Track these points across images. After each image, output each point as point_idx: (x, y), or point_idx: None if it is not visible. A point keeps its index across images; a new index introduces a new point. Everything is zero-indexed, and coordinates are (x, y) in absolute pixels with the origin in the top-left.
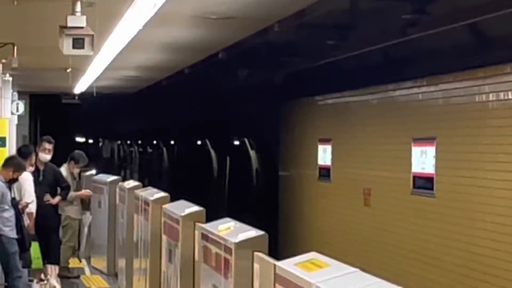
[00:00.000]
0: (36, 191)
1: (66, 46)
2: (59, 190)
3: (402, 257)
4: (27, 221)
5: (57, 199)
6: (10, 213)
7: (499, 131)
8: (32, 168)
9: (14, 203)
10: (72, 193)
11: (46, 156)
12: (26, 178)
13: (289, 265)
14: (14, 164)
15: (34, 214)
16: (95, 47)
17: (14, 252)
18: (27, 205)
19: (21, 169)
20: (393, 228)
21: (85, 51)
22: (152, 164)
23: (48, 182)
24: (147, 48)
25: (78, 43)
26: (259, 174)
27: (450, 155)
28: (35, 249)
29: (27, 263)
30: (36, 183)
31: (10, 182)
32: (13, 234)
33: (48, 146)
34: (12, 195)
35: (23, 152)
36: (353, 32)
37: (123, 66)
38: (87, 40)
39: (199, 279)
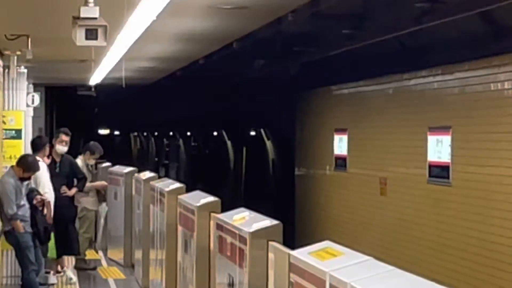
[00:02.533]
0: (53, 183)
1: (79, 37)
2: (75, 181)
3: (418, 245)
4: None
5: (73, 190)
6: (25, 208)
7: None
8: (48, 160)
9: (31, 196)
10: (88, 184)
11: (63, 148)
12: (42, 171)
13: (303, 254)
14: (24, 164)
15: (52, 204)
16: (109, 38)
17: (28, 246)
18: (42, 201)
19: (32, 169)
20: (409, 217)
21: (99, 42)
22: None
23: (64, 174)
24: (161, 39)
25: (91, 34)
26: (275, 164)
27: (466, 144)
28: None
29: (43, 253)
30: (53, 174)
31: (22, 180)
32: (27, 228)
33: (65, 138)
34: (32, 185)
35: (36, 143)
36: (367, 21)
37: (137, 57)
38: (100, 31)
39: (214, 269)
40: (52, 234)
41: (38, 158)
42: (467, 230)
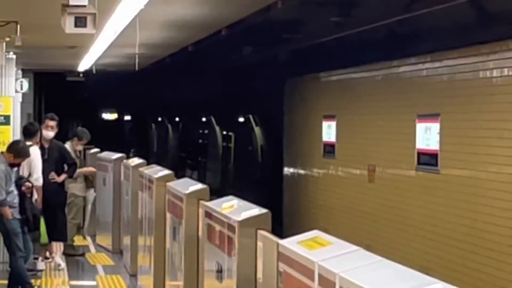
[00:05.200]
0: (42, 169)
1: (68, 25)
2: (65, 167)
3: (406, 233)
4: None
5: (62, 177)
6: (13, 195)
7: (503, 107)
8: (37, 146)
9: (19, 183)
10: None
11: (49, 133)
12: (36, 157)
13: (292, 244)
14: (14, 150)
15: (41, 189)
16: (98, 25)
17: (17, 233)
18: (31, 188)
19: (22, 155)
20: (398, 204)
21: (88, 29)
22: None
23: (53, 160)
24: (151, 25)
25: (80, 21)
26: (264, 151)
27: (455, 131)
28: (42, 225)
29: (35, 238)
30: (42, 160)
31: (12, 166)
32: (15, 214)
33: (51, 123)
34: (21, 173)
35: (29, 130)
36: (356, 8)
37: (126, 43)
38: (89, 19)
39: (203, 257)
40: (43, 220)
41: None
42: (455, 217)
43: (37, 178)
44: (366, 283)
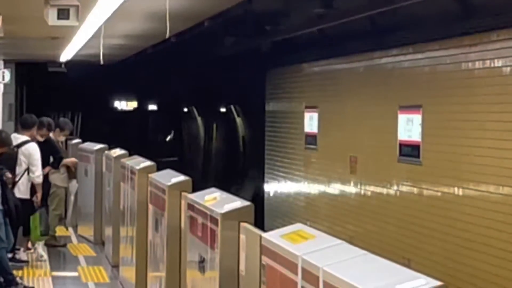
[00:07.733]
0: None
1: (51, 17)
2: (51, 159)
3: (388, 224)
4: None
5: (47, 169)
6: None
7: (485, 99)
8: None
9: (1, 174)
10: None
11: (40, 139)
12: (36, 151)
13: (275, 237)
14: None
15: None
16: (81, 16)
17: None
18: (14, 180)
19: (6, 144)
20: (379, 195)
21: (70, 21)
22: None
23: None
24: (132, 17)
25: (63, 14)
26: (246, 141)
27: (437, 123)
28: (34, 219)
29: (27, 231)
30: None
31: None
32: None
33: (46, 132)
34: (22, 164)
35: (27, 121)
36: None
37: (108, 34)
38: (72, 11)
39: (185, 249)
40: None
41: (27, 137)
42: (437, 209)
43: (39, 176)
44: (350, 277)
